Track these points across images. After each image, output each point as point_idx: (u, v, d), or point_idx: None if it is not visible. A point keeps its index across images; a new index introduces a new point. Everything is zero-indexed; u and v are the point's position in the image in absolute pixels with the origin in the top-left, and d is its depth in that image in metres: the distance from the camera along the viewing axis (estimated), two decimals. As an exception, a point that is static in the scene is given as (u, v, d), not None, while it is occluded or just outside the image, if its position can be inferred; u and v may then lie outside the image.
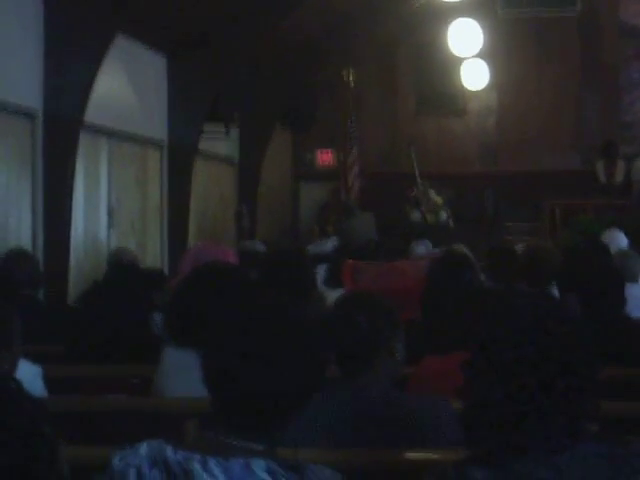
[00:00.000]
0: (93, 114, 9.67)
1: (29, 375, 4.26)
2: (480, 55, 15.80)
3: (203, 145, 12.99)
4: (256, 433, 2.23)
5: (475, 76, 16.55)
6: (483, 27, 15.22)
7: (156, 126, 12.04)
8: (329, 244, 10.73)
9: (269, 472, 2.15)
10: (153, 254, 11.97)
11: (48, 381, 4.50)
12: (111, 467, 2.19)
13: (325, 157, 17.54)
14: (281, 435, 2.28)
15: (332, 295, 6.39)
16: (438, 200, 14.88)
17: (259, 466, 2.15)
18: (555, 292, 6.48)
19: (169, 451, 2.17)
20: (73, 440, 3.03)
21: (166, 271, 10.38)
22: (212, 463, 2.15)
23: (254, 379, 2.23)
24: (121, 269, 6.74)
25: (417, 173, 15.22)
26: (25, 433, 2.00)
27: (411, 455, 3.26)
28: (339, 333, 3.48)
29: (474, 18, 15.15)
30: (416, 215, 14.66)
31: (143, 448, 2.18)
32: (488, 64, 16.43)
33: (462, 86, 16.92)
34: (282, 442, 2.34)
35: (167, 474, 2.13)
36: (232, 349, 2.28)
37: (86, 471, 2.32)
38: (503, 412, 2.09)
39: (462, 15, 14.91)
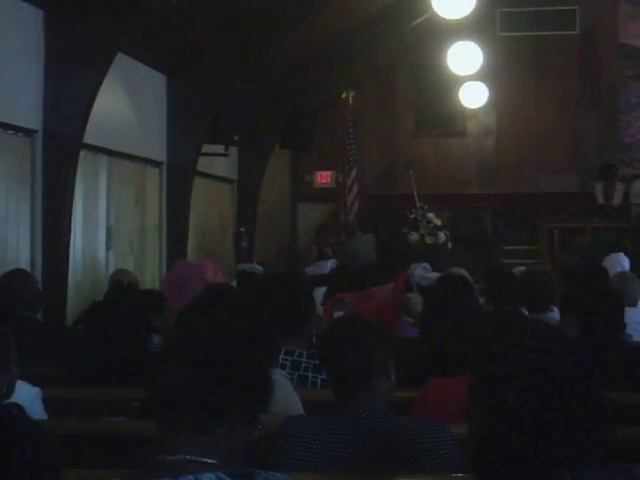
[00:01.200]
0: (93, 133, 9.68)
1: (28, 397, 4.26)
2: (479, 75, 15.82)
3: (202, 165, 13.01)
4: (205, 448, 2.22)
5: (474, 97, 16.57)
6: (482, 47, 15.24)
7: (155, 145, 12.06)
8: (328, 266, 10.73)
9: None
10: (151, 274, 11.98)
11: (47, 403, 4.49)
12: None
13: (324, 178, 17.56)
14: (230, 446, 2.27)
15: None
16: (437, 222, 14.86)
17: (209, 479, 2.16)
18: (556, 316, 6.50)
19: None
20: (71, 463, 3.03)
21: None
22: None
23: (186, 391, 2.23)
24: (120, 290, 6.74)
25: (415, 194, 15.23)
26: (29, 459, 2.01)
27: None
28: (339, 355, 3.49)
29: (473, 38, 15.17)
30: (415, 237, 14.65)
31: None
32: (487, 84, 16.46)
33: (461, 106, 16.94)
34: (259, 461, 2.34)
35: None
36: (161, 364, 2.30)
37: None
38: (505, 450, 2.11)
39: (461, 35, 14.92)
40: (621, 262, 9.74)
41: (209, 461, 2.20)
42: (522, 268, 9.03)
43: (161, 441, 2.25)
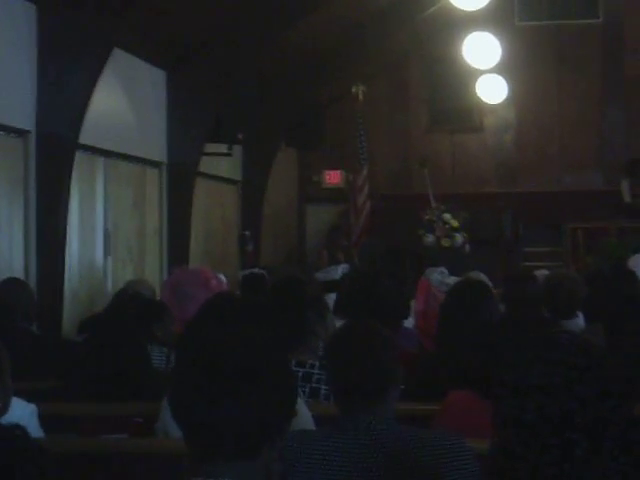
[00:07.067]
0: (89, 133, 9.70)
1: (23, 415, 4.26)
2: (497, 68, 15.83)
3: (204, 165, 13.02)
4: (246, 473, 2.25)
5: (492, 90, 16.58)
6: (500, 38, 15.26)
7: (155, 145, 12.07)
8: (339, 271, 10.72)
9: None
10: (152, 280, 11.96)
11: (43, 420, 4.49)
12: None
13: (333, 178, 17.55)
14: (258, 468, 2.30)
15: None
16: (453, 223, 14.87)
17: None
18: (580, 322, 6.51)
19: None
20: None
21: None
22: None
23: (218, 416, 2.26)
24: (121, 301, 6.77)
25: (431, 194, 15.24)
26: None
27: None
28: (356, 365, 3.47)
29: (490, 29, 15.20)
30: (430, 239, 14.66)
31: None
32: (505, 77, 16.46)
33: (478, 101, 16.93)
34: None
35: None
36: (191, 384, 2.31)
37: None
38: (525, 468, 2.11)
39: (478, 25, 14.94)
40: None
41: None
42: (544, 271, 9.04)
43: (194, 462, 2.27)
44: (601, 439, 2.09)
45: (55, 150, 9.24)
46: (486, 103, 17.05)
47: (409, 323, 7.25)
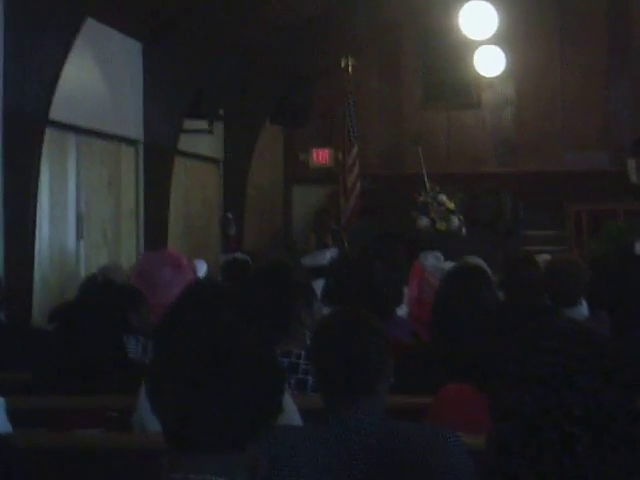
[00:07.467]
0: (60, 108, 9.68)
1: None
2: (495, 39, 15.83)
3: (183, 143, 13.00)
4: (230, 468, 2.26)
5: (490, 63, 16.58)
6: (498, 7, 15.25)
7: (131, 121, 12.06)
8: (327, 256, 10.72)
9: None
10: (127, 266, 11.97)
11: (12, 414, 4.49)
12: None
13: (321, 156, 17.54)
14: (243, 463, 2.31)
15: (331, 313, 6.43)
16: (449, 205, 14.89)
17: None
18: (584, 310, 6.53)
19: None
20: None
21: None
22: None
23: (199, 406, 2.27)
24: (94, 288, 6.77)
25: (425, 174, 15.24)
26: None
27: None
28: (343, 355, 3.46)
29: (488, -3, 15.19)
30: (424, 222, 14.67)
31: None
32: (504, 49, 16.47)
33: (475, 75, 16.94)
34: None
35: None
36: (170, 374, 2.32)
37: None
38: (522, 464, 2.12)
39: (475, -6, 14.94)
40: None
41: None
42: (546, 256, 9.07)
43: (174, 457, 2.27)
44: (603, 433, 2.09)
45: (23, 127, 9.22)
46: (484, 77, 17.06)
47: (402, 311, 7.27)
